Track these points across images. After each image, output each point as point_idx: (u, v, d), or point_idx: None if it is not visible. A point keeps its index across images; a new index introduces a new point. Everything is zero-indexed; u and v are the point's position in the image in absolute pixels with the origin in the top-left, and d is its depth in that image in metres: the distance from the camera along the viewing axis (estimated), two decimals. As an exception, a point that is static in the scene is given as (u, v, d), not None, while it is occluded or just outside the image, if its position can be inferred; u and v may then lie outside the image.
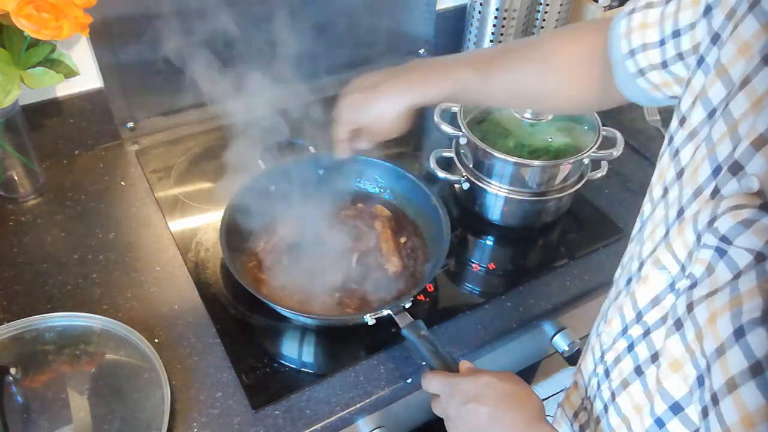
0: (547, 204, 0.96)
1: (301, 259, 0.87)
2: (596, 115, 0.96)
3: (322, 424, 0.73)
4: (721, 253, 0.41)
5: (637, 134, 1.18)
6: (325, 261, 0.88)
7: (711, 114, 0.46)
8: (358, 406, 0.75)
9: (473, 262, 0.95)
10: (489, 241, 1.00)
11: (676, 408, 0.46)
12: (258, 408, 0.74)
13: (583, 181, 0.96)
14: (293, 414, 0.74)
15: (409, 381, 0.78)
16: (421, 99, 0.71)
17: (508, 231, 1.00)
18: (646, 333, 0.51)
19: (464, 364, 0.67)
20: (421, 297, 0.87)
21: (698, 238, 0.43)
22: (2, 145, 0.92)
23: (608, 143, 0.94)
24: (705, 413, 0.39)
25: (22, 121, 0.93)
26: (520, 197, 0.94)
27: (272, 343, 0.82)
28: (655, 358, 0.50)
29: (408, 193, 0.95)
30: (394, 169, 0.94)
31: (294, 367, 0.79)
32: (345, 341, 0.82)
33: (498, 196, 0.95)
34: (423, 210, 0.93)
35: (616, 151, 0.93)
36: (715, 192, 0.43)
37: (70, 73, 0.89)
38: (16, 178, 0.97)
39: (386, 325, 0.77)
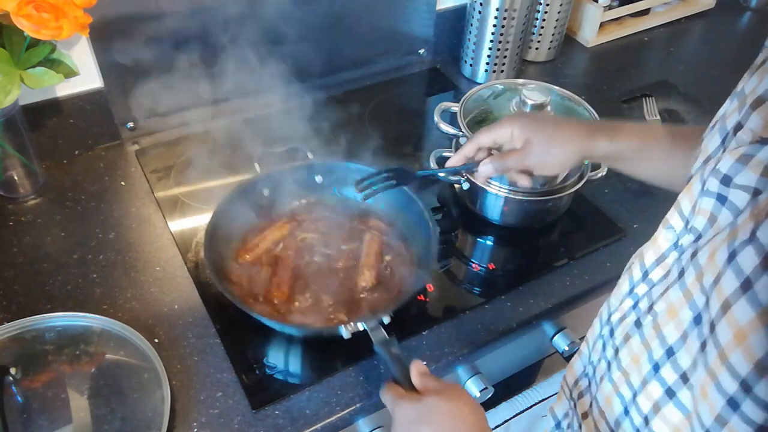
0: (547, 204, 0.96)
1: (289, 264, 0.86)
2: (596, 114, 0.96)
3: (322, 424, 0.73)
4: (722, 199, 0.43)
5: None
6: (312, 268, 0.87)
7: (732, 99, 0.49)
8: (358, 406, 0.75)
9: (473, 262, 0.95)
10: (489, 241, 1.00)
11: (670, 352, 0.47)
12: (258, 408, 0.74)
13: (583, 181, 0.96)
14: (293, 414, 0.74)
15: (409, 381, 0.78)
16: (606, 148, 0.73)
17: (508, 231, 1.00)
18: (650, 289, 0.53)
19: (416, 371, 0.64)
20: (421, 297, 0.87)
21: (703, 187, 0.46)
22: (2, 145, 0.92)
23: (608, 143, 0.94)
24: (703, 347, 0.40)
25: (22, 121, 0.93)
26: (520, 197, 0.94)
27: (272, 343, 0.82)
28: (651, 308, 0.51)
29: (401, 205, 0.92)
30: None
31: (294, 367, 0.79)
32: (345, 342, 0.82)
33: (498, 196, 0.95)
34: (413, 223, 0.90)
35: (616, 151, 0.93)
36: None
37: (70, 73, 0.89)
38: (16, 178, 0.97)
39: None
